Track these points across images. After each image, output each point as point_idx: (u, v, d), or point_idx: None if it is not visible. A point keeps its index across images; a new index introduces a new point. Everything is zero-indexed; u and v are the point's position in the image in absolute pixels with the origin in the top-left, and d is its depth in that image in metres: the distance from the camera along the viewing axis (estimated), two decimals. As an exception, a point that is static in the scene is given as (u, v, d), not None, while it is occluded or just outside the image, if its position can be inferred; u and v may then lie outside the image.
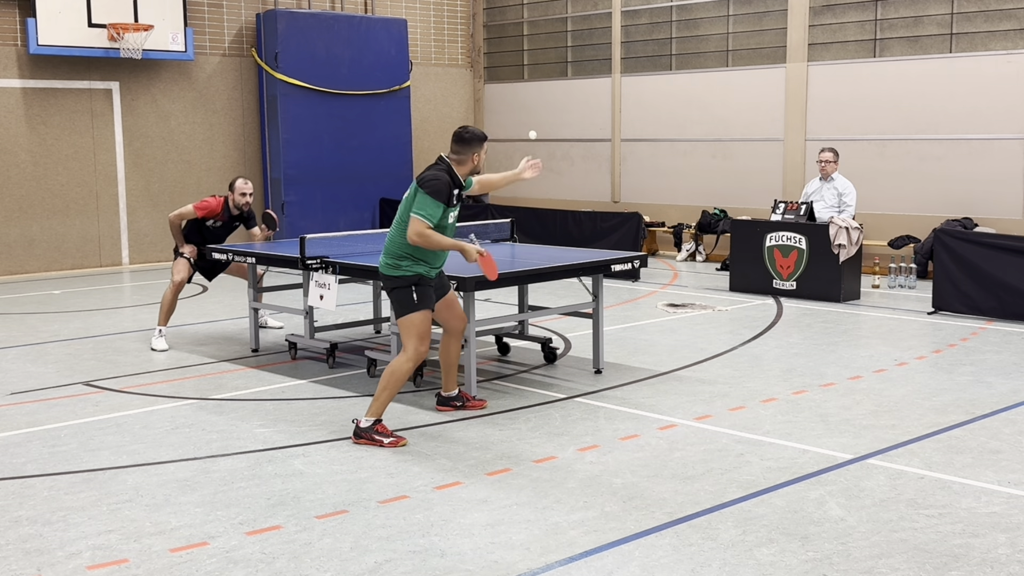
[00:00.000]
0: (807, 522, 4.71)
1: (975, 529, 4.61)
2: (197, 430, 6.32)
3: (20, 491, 5.26)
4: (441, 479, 5.34)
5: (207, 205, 8.94)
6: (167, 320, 8.93)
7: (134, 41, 13.69)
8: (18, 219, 13.81)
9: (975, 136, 12.69)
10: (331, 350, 8.00)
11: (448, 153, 6.20)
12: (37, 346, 9.04)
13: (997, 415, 6.50)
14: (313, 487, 5.24)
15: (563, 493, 5.12)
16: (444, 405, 6.70)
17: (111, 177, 14.52)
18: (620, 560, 4.31)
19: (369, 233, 10.48)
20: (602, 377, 7.60)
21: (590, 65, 16.63)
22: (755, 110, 14.65)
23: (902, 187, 13.29)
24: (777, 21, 14.39)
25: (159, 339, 8.82)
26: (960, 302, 9.97)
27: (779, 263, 11.32)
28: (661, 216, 15.63)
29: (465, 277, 6.59)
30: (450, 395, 6.71)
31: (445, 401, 6.71)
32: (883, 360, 8.11)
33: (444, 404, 6.71)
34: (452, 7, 17.92)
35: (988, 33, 12.56)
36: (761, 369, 7.87)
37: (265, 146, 15.56)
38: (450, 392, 6.71)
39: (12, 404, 7.03)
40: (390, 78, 16.30)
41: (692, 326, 9.64)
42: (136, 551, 4.45)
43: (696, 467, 5.51)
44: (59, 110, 14.00)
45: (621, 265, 7.74)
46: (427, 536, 4.58)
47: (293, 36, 15.25)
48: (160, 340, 8.81)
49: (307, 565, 4.28)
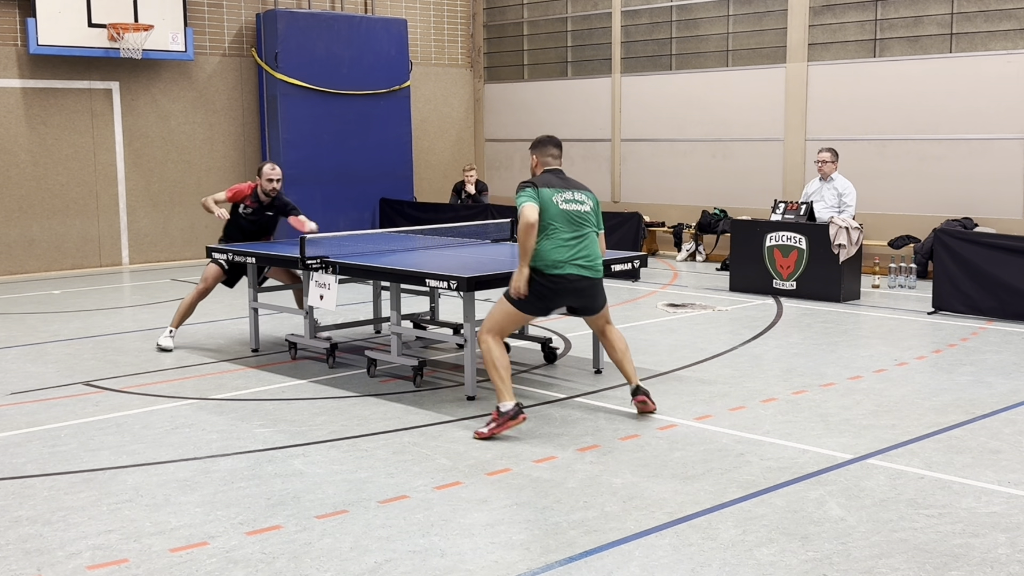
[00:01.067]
0: (807, 522, 4.70)
1: (975, 529, 4.61)
2: (197, 430, 6.32)
3: (20, 491, 5.26)
4: (441, 479, 5.34)
5: (237, 188, 8.86)
6: (180, 323, 8.86)
7: (134, 41, 13.69)
8: (18, 219, 13.81)
9: (975, 136, 12.69)
10: (331, 350, 8.00)
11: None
12: (37, 346, 9.04)
13: (997, 415, 6.50)
14: (313, 487, 5.24)
15: (563, 493, 5.12)
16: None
17: (111, 177, 14.52)
18: (620, 560, 4.31)
19: (369, 233, 10.49)
20: (602, 377, 7.60)
21: (590, 65, 16.63)
22: (755, 110, 14.65)
23: (902, 187, 13.29)
24: (777, 21, 14.40)
25: (167, 338, 8.76)
26: (960, 302, 9.97)
27: (779, 263, 11.32)
28: (661, 216, 15.64)
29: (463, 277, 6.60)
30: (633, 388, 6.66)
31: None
32: (883, 360, 8.11)
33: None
34: (452, 7, 17.92)
35: (988, 33, 12.56)
36: (761, 369, 7.87)
37: (265, 146, 15.56)
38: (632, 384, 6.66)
39: (12, 404, 7.03)
40: (390, 78, 16.30)
41: (692, 326, 9.64)
42: (136, 551, 4.45)
43: (696, 467, 5.51)
44: (59, 110, 14.00)
45: (621, 265, 7.74)
46: (427, 536, 4.58)
47: (293, 36, 15.26)
48: (168, 339, 8.74)
49: (307, 565, 4.29)
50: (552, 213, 6.22)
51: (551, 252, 6.19)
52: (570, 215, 6.27)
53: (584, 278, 6.28)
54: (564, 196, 6.30)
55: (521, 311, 6.28)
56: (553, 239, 6.20)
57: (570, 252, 6.22)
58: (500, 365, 6.13)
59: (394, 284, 7.45)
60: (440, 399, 7.01)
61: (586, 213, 6.36)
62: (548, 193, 6.25)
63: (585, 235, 6.32)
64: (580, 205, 6.34)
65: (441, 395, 7.12)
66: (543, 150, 6.54)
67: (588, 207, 6.39)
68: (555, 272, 6.18)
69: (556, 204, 6.24)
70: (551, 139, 6.61)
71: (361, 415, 6.62)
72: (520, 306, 6.26)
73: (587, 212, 6.37)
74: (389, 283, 7.57)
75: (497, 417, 6.04)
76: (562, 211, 6.25)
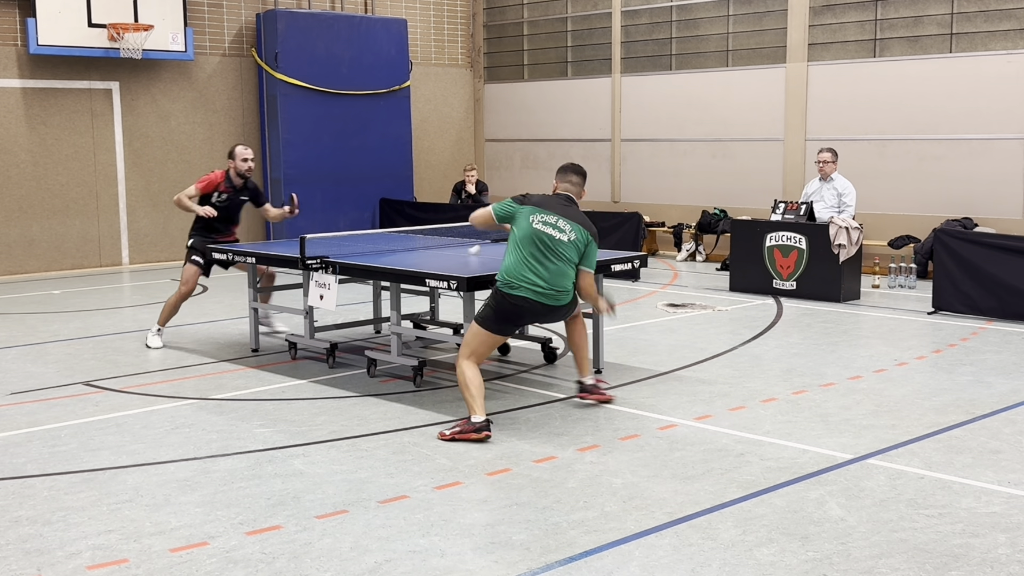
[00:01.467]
0: (807, 522, 4.71)
1: (975, 529, 4.61)
2: (197, 430, 6.32)
3: (20, 491, 5.26)
4: (441, 479, 5.34)
5: (207, 178, 8.87)
6: (166, 321, 8.95)
7: (134, 41, 13.69)
8: (18, 219, 13.82)
9: (975, 136, 12.69)
10: (331, 350, 8.00)
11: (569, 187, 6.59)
12: (37, 346, 9.04)
13: (997, 415, 6.50)
14: (313, 487, 5.24)
15: (563, 493, 5.12)
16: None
17: (111, 177, 14.52)
18: (620, 560, 4.31)
19: (369, 233, 10.50)
20: (602, 377, 7.59)
21: (590, 65, 16.63)
22: (755, 110, 14.65)
23: (902, 187, 13.29)
24: (777, 21, 14.40)
25: (155, 337, 8.84)
26: (960, 302, 9.97)
27: (779, 263, 11.32)
28: (661, 216, 15.64)
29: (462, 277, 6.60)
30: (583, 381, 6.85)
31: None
32: (883, 360, 8.11)
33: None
34: (452, 7, 17.92)
35: (988, 33, 12.56)
36: (761, 369, 7.87)
37: (265, 146, 15.56)
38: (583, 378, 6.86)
39: (12, 404, 7.03)
40: (390, 78, 16.30)
41: (692, 326, 9.64)
42: (136, 551, 4.45)
43: (696, 467, 5.51)
44: (59, 110, 14.00)
45: (621, 265, 7.74)
46: (427, 536, 4.58)
47: (293, 36, 15.25)
48: (156, 338, 8.82)
49: (307, 565, 4.29)
50: (524, 231, 6.26)
51: (512, 268, 6.24)
52: (540, 237, 6.23)
53: (543, 304, 6.29)
54: (545, 218, 6.27)
55: (489, 332, 6.28)
56: (517, 255, 6.26)
57: (529, 274, 6.21)
58: (472, 384, 6.12)
59: (394, 284, 7.46)
60: (440, 399, 7.01)
61: (559, 241, 6.24)
62: (529, 211, 6.30)
63: (550, 262, 6.22)
64: (558, 232, 6.25)
65: (441, 395, 7.12)
66: (563, 176, 6.62)
67: (567, 238, 6.26)
68: (512, 292, 6.22)
69: (531, 223, 6.27)
70: (574, 167, 6.66)
71: (361, 415, 6.62)
72: (486, 326, 6.27)
73: (561, 241, 6.24)
74: (389, 283, 7.57)
75: (464, 424, 6.04)
76: (533, 230, 6.23)
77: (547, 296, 6.26)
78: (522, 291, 6.21)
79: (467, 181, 15.82)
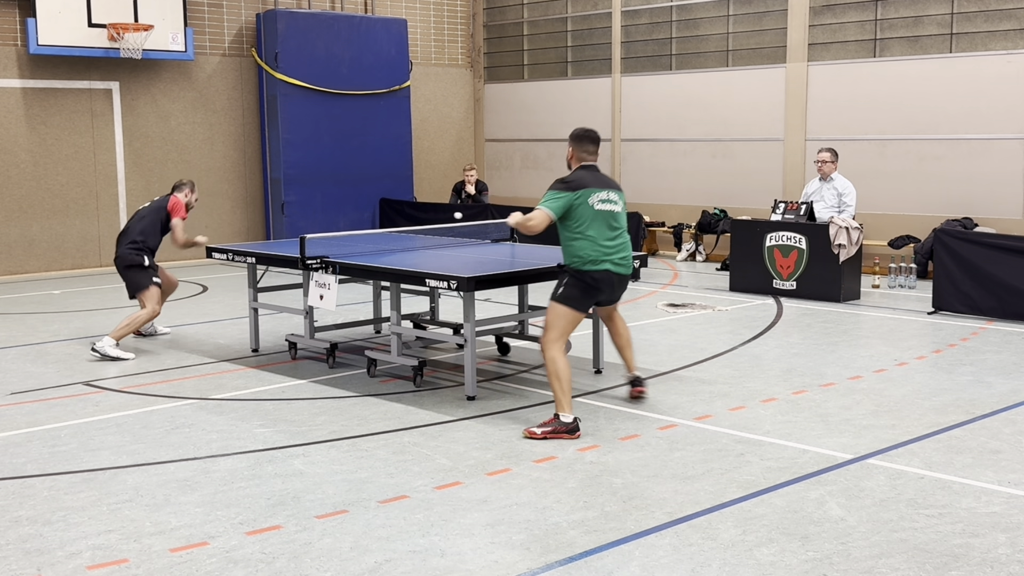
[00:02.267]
0: (807, 522, 4.71)
1: (975, 529, 4.61)
2: (197, 430, 6.32)
3: (20, 491, 5.26)
4: (441, 479, 5.34)
5: (181, 204, 9.08)
6: (123, 337, 8.55)
7: (134, 41, 13.69)
8: (18, 219, 13.81)
9: (975, 136, 12.69)
10: (331, 350, 8.00)
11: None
12: (37, 346, 9.04)
13: (997, 415, 6.51)
14: (313, 487, 5.24)
15: (563, 493, 5.12)
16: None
17: (111, 177, 14.52)
18: (620, 560, 4.31)
19: (369, 233, 10.49)
20: (602, 377, 7.60)
21: (590, 65, 16.63)
22: (755, 110, 14.65)
23: (902, 187, 13.29)
24: (777, 21, 14.40)
25: (116, 349, 8.40)
26: (960, 302, 9.97)
27: (779, 263, 11.32)
28: (661, 216, 15.64)
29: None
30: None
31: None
32: (883, 360, 8.11)
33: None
34: (452, 7, 17.92)
35: (988, 33, 12.56)
36: (761, 369, 7.87)
37: (265, 146, 15.56)
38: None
39: (12, 404, 7.03)
40: (390, 78, 16.30)
41: (692, 326, 9.64)
42: (136, 551, 4.45)
43: (696, 467, 5.51)
44: (59, 110, 14.00)
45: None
46: (427, 536, 4.58)
47: (293, 36, 15.25)
48: (118, 350, 8.41)
49: (307, 565, 4.29)
50: (589, 215, 6.28)
51: (589, 251, 6.27)
52: (605, 216, 6.35)
53: (619, 275, 6.43)
54: (600, 196, 6.35)
55: (574, 310, 6.31)
56: (591, 240, 6.27)
57: (608, 252, 6.31)
58: (563, 377, 6.14)
59: (394, 284, 7.46)
60: (440, 399, 7.01)
61: (618, 214, 6.45)
62: (586, 194, 6.29)
63: (619, 234, 6.43)
64: (614, 206, 6.42)
65: (441, 395, 7.13)
66: (581, 145, 6.52)
67: (619, 208, 6.47)
68: (597, 268, 6.28)
69: (592, 206, 6.30)
70: (589, 134, 6.56)
71: (361, 415, 6.62)
72: (572, 305, 6.30)
73: (619, 213, 6.45)
74: (389, 283, 7.57)
75: (554, 423, 6.05)
76: (598, 212, 6.31)
77: (623, 267, 6.43)
78: (605, 265, 6.31)
79: (467, 181, 15.81)
